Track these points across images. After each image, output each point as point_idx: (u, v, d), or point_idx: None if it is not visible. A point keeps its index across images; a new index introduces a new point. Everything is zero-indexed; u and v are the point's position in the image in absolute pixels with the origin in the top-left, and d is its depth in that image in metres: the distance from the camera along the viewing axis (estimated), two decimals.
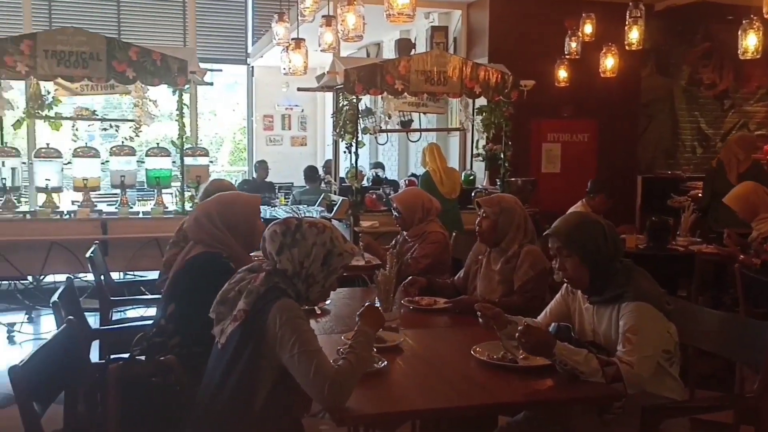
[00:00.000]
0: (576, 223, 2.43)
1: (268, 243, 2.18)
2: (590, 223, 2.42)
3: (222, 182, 3.80)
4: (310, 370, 1.93)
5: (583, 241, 2.37)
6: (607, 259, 2.37)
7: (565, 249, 2.41)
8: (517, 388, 2.17)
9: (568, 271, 2.42)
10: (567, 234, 2.41)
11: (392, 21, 2.75)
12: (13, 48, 5.28)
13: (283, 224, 2.19)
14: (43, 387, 1.97)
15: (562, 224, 2.46)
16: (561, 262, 2.44)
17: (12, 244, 5.48)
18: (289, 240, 2.15)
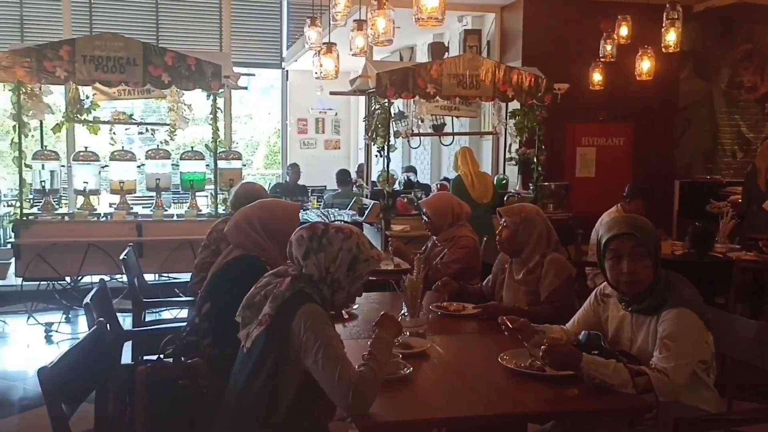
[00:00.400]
0: (645, 223, 2.38)
1: (294, 247, 2.18)
2: (651, 225, 2.39)
3: (252, 185, 3.83)
4: (334, 376, 1.93)
5: (655, 241, 2.34)
6: (660, 264, 2.33)
7: (641, 247, 2.33)
8: (544, 397, 2.13)
9: (637, 273, 2.32)
10: (644, 233, 2.34)
11: (421, 25, 2.73)
12: (52, 53, 5.41)
13: (310, 229, 2.19)
14: (71, 388, 1.99)
15: (634, 222, 2.38)
16: (633, 263, 2.32)
17: (50, 246, 5.60)
18: (315, 245, 2.15)
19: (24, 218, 5.61)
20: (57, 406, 1.85)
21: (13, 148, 5.60)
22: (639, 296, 2.35)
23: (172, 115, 6.05)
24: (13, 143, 5.58)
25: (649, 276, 2.33)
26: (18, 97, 5.50)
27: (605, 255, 2.39)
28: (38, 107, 5.74)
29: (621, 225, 2.40)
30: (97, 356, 2.26)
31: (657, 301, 2.28)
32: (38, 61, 5.38)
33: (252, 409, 2.03)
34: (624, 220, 2.44)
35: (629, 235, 2.35)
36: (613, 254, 2.36)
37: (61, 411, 1.86)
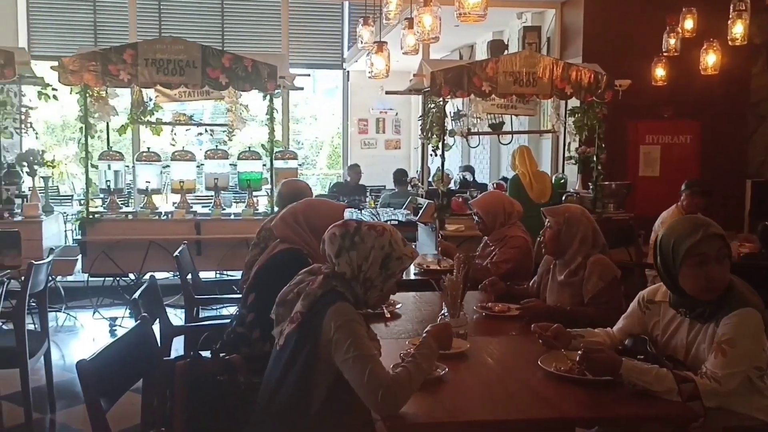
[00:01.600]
0: (717, 225, 2.27)
1: (327, 245, 2.18)
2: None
3: (295, 183, 3.87)
4: (363, 375, 1.92)
5: (730, 243, 2.24)
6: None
7: (726, 249, 2.22)
8: (583, 403, 2.06)
9: (723, 278, 2.21)
10: (723, 235, 2.24)
11: (463, 20, 2.69)
12: (116, 57, 5.60)
13: (343, 227, 2.18)
14: (110, 381, 2.05)
15: (712, 224, 2.26)
16: (719, 266, 2.20)
17: (114, 243, 5.80)
18: (348, 243, 2.14)
19: (90, 216, 5.83)
20: (94, 399, 1.90)
21: (81, 149, 5.82)
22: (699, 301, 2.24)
23: (230, 116, 6.17)
24: (80, 144, 5.80)
25: (728, 277, 2.22)
26: (84, 100, 5.72)
27: (684, 261, 2.21)
28: (104, 109, 5.94)
29: (703, 226, 2.23)
30: (139, 351, 2.31)
31: (717, 305, 2.17)
32: (103, 65, 5.58)
33: (284, 408, 2.04)
34: (700, 221, 2.28)
35: (718, 237, 2.21)
36: (698, 259, 2.20)
37: (99, 403, 1.92)
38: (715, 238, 2.21)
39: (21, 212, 5.83)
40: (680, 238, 2.23)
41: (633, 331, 2.50)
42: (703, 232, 2.21)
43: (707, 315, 2.20)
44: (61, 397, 4.12)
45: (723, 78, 7.14)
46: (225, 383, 2.32)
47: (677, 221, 2.40)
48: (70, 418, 3.98)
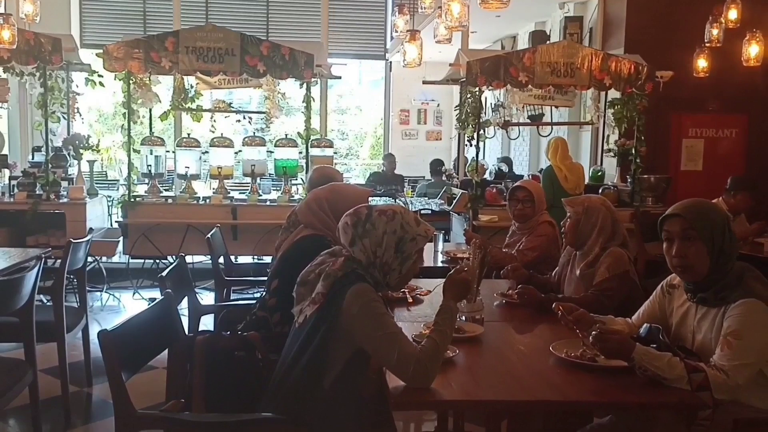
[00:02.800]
0: (705, 207, 2.26)
1: (341, 235, 2.22)
2: (718, 211, 2.25)
3: (325, 169, 3.92)
4: (393, 354, 1.98)
5: (712, 226, 2.21)
6: (727, 251, 2.20)
7: (692, 230, 2.22)
8: (590, 388, 2.06)
9: (688, 258, 2.23)
10: (697, 215, 2.23)
11: (485, 7, 2.69)
12: (158, 45, 5.75)
13: (354, 215, 2.21)
14: (131, 353, 2.13)
15: (689, 205, 2.28)
16: (682, 246, 2.24)
17: (154, 226, 5.97)
18: (360, 231, 2.17)
19: (132, 200, 6.01)
20: (114, 368, 1.99)
21: (123, 135, 6.00)
22: (702, 285, 2.23)
23: (268, 104, 6.27)
24: (123, 130, 5.98)
25: (702, 262, 2.21)
26: (128, 86, 5.89)
27: (662, 238, 2.31)
28: (147, 96, 6.11)
29: (674, 207, 2.30)
30: (162, 325, 2.40)
31: (724, 293, 2.15)
32: (146, 52, 5.74)
33: (298, 382, 2.09)
34: (681, 203, 2.31)
35: (677, 217, 2.25)
36: (665, 236, 2.29)
37: (118, 373, 2.00)
38: (677, 218, 2.25)
39: (67, 194, 6.04)
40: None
41: (653, 316, 2.48)
42: (669, 212, 2.29)
43: (711, 300, 2.18)
44: (98, 372, 4.28)
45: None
46: (243, 359, 2.41)
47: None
48: (106, 391, 4.12)
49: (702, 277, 2.24)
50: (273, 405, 2.12)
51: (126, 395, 2.01)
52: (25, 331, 3.16)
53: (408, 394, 1.94)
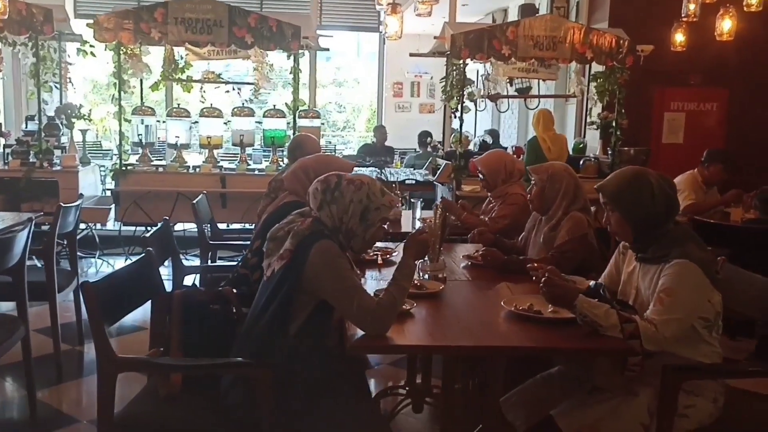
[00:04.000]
0: (623, 179, 2.43)
1: (311, 200, 2.38)
2: (639, 181, 2.40)
3: (301, 135, 4.11)
4: (353, 304, 2.16)
5: (627, 198, 2.37)
6: (652, 218, 2.35)
7: (610, 204, 2.43)
8: (532, 336, 2.24)
9: (612, 226, 2.45)
10: (611, 189, 2.42)
11: None
12: (147, 15, 5.86)
13: (324, 182, 2.37)
14: (111, 304, 2.31)
15: (610, 179, 2.47)
16: (607, 216, 2.46)
17: (145, 194, 6.13)
18: (328, 197, 2.33)
19: (123, 168, 6.16)
20: (96, 315, 2.17)
21: (114, 104, 6.13)
22: (640, 246, 2.40)
23: (256, 75, 6.39)
24: (114, 99, 6.11)
25: (624, 230, 2.40)
26: (118, 57, 6.00)
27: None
28: (137, 66, 6.22)
29: (602, 182, 2.51)
30: (143, 280, 2.58)
31: (662, 252, 2.31)
32: (136, 23, 5.85)
33: (265, 330, 2.27)
34: (610, 175, 2.50)
35: (599, 191, 2.47)
36: (599, 205, 2.52)
37: (100, 320, 2.18)
38: (600, 193, 2.46)
39: (59, 163, 6.19)
40: None
41: (612, 275, 2.65)
42: (596, 186, 2.49)
43: (651, 259, 2.35)
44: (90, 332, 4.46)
45: (756, 45, 7.08)
46: (218, 312, 2.58)
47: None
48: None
49: (630, 241, 2.42)
50: (243, 351, 2.30)
51: (106, 341, 2.20)
52: (18, 289, 3.33)
53: (362, 340, 2.12)
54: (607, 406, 2.28)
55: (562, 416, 2.31)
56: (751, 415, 2.42)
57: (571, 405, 2.35)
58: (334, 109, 20.21)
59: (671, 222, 2.36)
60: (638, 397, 2.27)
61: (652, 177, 2.38)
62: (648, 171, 2.44)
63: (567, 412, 2.32)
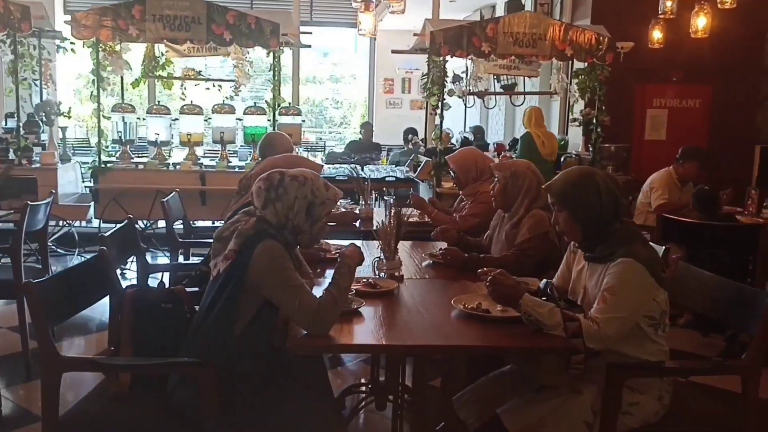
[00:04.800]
0: (570, 179, 2.42)
1: (254, 199, 2.37)
2: (585, 180, 2.39)
3: (274, 134, 4.12)
4: (295, 305, 2.16)
5: (574, 197, 2.37)
6: (598, 218, 2.35)
7: (557, 204, 2.43)
8: (477, 335, 2.24)
9: (560, 225, 2.46)
10: (558, 189, 2.42)
11: None
12: (125, 12, 5.85)
13: (267, 180, 2.37)
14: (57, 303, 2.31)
15: (557, 179, 2.47)
16: (555, 215, 2.47)
17: (124, 191, 6.12)
18: (272, 195, 2.33)
19: (102, 166, 6.15)
20: (39, 315, 2.17)
21: (93, 101, 6.12)
22: (587, 245, 2.41)
23: (237, 72, 6.38)
24: (93, 96, 6.10)
25: (572, 229, 2.40)
26: (97, 54, 5.99)
27: None
28: (117, 63, 6.22)
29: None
30: (93, 280, 2.58)
31: (608, 251, 2.31)
32: (114, 20, 5.83)
33: (210, 330, 2.28)
34: (558, 175, 2.50)
35: (547, 191, 2.47)
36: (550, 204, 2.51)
37: (43, 319, 2.17)
38: (549, 193, 2.47)
39: (39, 160, 6.18)
40: None
41: (564, 274, 2.65)
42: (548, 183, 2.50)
43: (597, 258, 2.35)
44: (61, 331, 4.48)
45: (738, 42, 7.08)
46: (170, 311, 2.58)
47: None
48: (68, 348, 4.34)
49: (578, 240, 2.42)
50: (190, 350, 2.30)
51: (50, 340, 2.20)
52: None
53: (304, 339, 2.12)
54: (551, 405, 2.28)
55: (508, 414, 2.31)
56: (698, 412, 2.42)
57: (517, 403, 2.35)
58: (331, 105, 20.21)
59: (618, 221, 2.36)
60: (582, 395, 2.27)
61: (599, 177, 2.38)
62: (595, 171, 2.43)
63: (512, 411, 2.32)
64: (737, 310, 2.44)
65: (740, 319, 2.42)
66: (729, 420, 2.37)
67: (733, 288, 2.50)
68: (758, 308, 2.30)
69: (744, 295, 2.42)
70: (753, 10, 7.04)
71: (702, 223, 4.05)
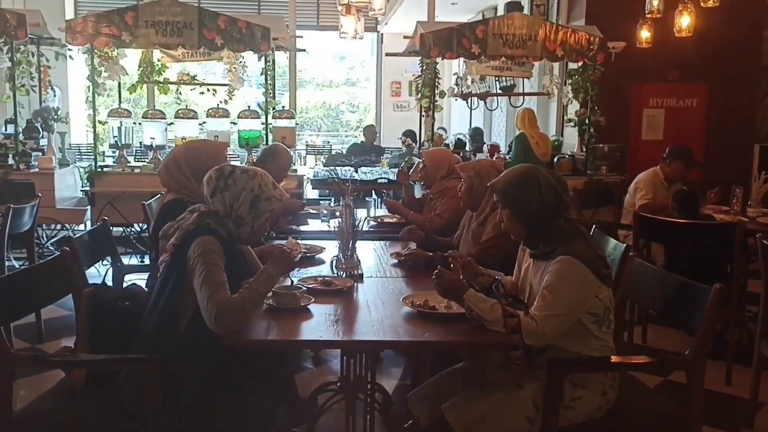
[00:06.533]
0: (512, 177, 2.44)
1: (204, 186, 2.44)
2: (527, 179, 2.41)
3: (281, 147, 4.22)
4: (205, 298, 2.18)
5: (516, 195, 2.39)
6: (540, 215, 2.36)
7: (501, 201, 2.46)
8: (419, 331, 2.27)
9: (505, 223, 2.48)
10: (501, 187, 2.44)
11: None
12: (118, 19, 5.94)
13: (219, 170, 2.44)
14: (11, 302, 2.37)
15: (501, 177, 2.49)
16: (500, 213, 2.49)
17: (119, 195, 6.22)
18: (222, 184, 2.40)
19: (98, 170, 6.26)
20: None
21: (88, 106, 6.22)
22: (530, 243, 2.42)
23: (230, 76, 6.45)
24: (88, 101, 6.20)
25: (515, 226, 2.42)
26: (92, 60, 6.10)
27: None
28: (113, 69, 6.31)
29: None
30: (53, 280, 2.64)
31: (549, 248, 2.33)
32: (108, 27, 5.93)
33: (156, 326, 2.33)
34: (502, 173, 2.52)
35: (491, 189, 2.50)
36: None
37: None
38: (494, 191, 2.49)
39: (37, 165, 6.30)
40: None
41: (516, 274, 2.67)
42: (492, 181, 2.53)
43: (540, 256, 2.36)
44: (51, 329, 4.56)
45: (735, 40, 7.03)
46: (127, 309, 2.63)
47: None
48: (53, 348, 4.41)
49: (522, 238, 2.44)
50: (138, 346, 2.36)
51: (1, 336, 2.25)
52: None
53: (240, 334, 2.16)
54: (493, 400, 2.30)
55: (450, 410, 2.33)
56: (644, 407, 2.43)
57: (460, 398, 2.37)
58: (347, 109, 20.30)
59: (560, 218, 2.37)
60: (523, 390, 2.29)
61: (541, 174, 2.39)
62: (538, 169, 2.45)
63: (455, 406, 2.34)
64: (684, 306, 2.44)
65: (686, 314, 2.41)
66: (675, 414, 2.37)
67: (680, 284, 2.49)
68: (702, 303, 2.31)
69: (689, 291, 2.42)
70: (749, 7, 7.00)
71: (677, 222, 4.02)
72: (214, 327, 2.17)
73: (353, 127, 19.04)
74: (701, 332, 2.30)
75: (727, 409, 3.65)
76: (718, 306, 2.29)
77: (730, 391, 3.84)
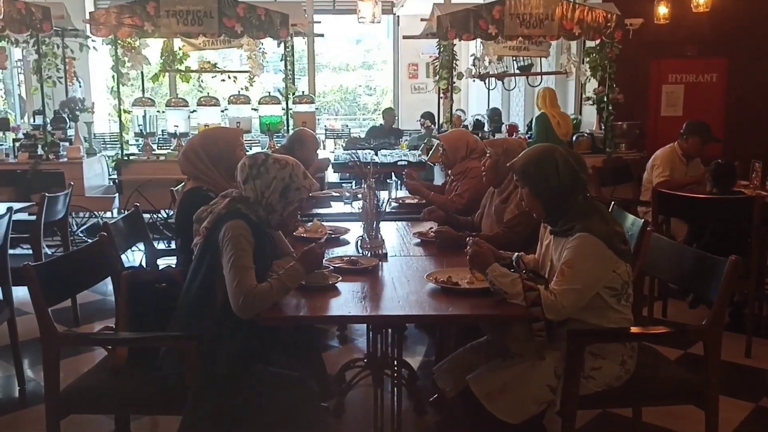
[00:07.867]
0: (530, 157, 2.52)
1: (238, 173, 2.55)
2: (544, 158, 2.48)
3: (308, 132, 4.36)
4: (233, 281, 2.30)
5: (534, 174, 2.46)
6: (558, 193, 2.44)
7: (520, 180, 2.54)
8: (441, 306, 2.36)
9: (525, 201, 2.56)
10: (520, 167, 2.52)
11: None
12: (140, 9, 6.06)
13: (252, 158, 2.55)
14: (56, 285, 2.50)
15: (520, 157, 2.56)
16: (519, 192, 2.58)
17: (146, 182, 6.37)
18: (254, 172, 2.50)
19: (125, 158, 6.40)
20: (37, 295, 2.36)
21: (113, 96, 6.36)
22: (551, 220, 2.50)
23: (250, 63, 6.56)
24: (113, 91, 6.34)
25: (534, 204, 2.49)
26: (115, 50, 6.23)
27: None
28: (136, 59, 6.45)
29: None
30: (93, 263, 2.77)
31: (568, 225, 2.41)
32: (130, 17, 6.05)
33: (193, 305, 2.45)
34: (521, 153, 2.59)
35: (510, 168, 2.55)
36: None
37: (42, 299, 2.36)
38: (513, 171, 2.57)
39: (65, 154, 6.46)
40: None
41: (538, 250, 2.75)
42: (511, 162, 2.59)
43: (560, 233, 2.44)
44: (85, 313, 4.73)
45: (756, 15, 6.98)
46: (164, 290, 2.76)
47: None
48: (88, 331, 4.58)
49: (542, 216, 2.52)
50: (176, 324, 2.48)
51: (48, 318, 2.39)
52: (1, 273, 3.56)
53: (270, 311, 2.28)
54: (516, 371, 2.39)
55: (475, 380, 2.43)
56: (662, 375, 2.51)
57: (484, 370, 2.47)
58: (364, 92, 20.30)
59: (578, 195, 2.44)
60: (545, 360, 2.38)
61: (558, 152, 2.46)
62: (556, 148, 2.52)
63: (479, 377, 2.44)
64: (701, 278, 2.51)
65: (703, 285, 2.48)
66: (693, 382, 2.45)
67: (697, 256, 2.56)
68: (718, 275, 2.37)
69: (706, 263, 2.49)
70: None
71: (694, 197, 4.07)
72: (238, 311, 2.29)
73: (371, 111, 19.03)
74: (717, 303, 2.37)
75: (747, 381, 3.71)
76: (734, 277, 2.36)
77: (750, 363, 3.90)
